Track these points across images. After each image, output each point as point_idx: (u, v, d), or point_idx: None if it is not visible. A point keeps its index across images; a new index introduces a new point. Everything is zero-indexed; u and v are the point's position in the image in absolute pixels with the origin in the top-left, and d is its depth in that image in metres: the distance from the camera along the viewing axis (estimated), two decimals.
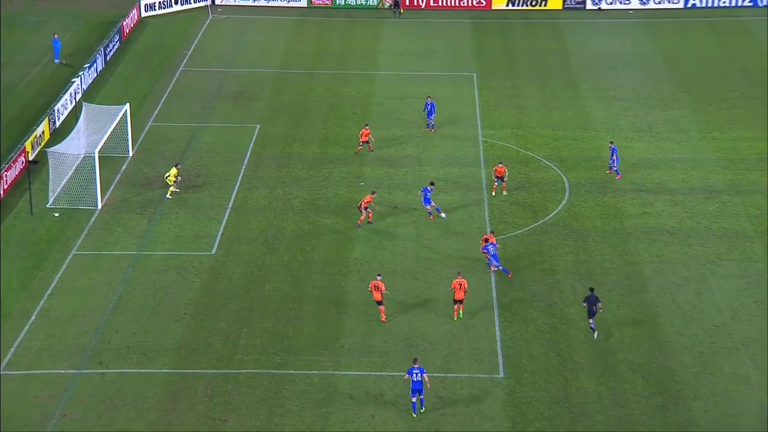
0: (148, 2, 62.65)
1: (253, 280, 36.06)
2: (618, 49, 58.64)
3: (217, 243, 38.22)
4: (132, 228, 39.00)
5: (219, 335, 32.96)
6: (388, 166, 44.72)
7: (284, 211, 40.76)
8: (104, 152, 43.12)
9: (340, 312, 34.34)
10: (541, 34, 61.56)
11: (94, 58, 53.12)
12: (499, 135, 48.05)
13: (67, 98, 48.45)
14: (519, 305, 35.00)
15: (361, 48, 58.78)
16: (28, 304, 34.03)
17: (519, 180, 43.77)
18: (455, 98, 52.34)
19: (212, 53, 57.33)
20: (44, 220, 39.23)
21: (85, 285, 35.33)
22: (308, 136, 47.56)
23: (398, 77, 54.77)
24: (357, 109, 50.62)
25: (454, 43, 59.96)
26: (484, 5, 65.38)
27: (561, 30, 62.11)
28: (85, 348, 32.01)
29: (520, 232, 39.53)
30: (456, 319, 33.94)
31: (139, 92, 51.61)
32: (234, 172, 43.77)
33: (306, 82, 53.86)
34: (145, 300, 34.63)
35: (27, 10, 62.53)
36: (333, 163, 44.83)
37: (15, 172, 41.87)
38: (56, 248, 37.37)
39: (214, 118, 49.26)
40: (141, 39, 58.97)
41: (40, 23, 60.20)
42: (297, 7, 64.84)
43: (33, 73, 53.50)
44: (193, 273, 36.27)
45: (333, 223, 39.86)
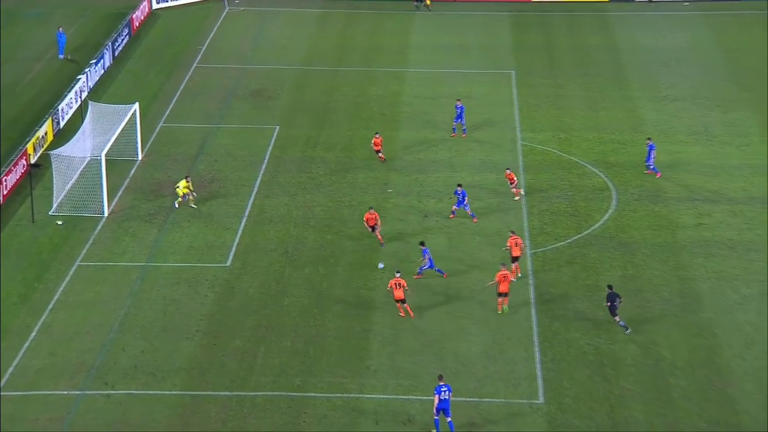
0: None
1: (271, 294, 36.22)
2: (671, 44, 58.37)
3: (232, 254, 38.44)
4: (141, 237, 39.33)
5: (234, 354, 33.12)
6: (418, 172, 44.79)
7: (305, 219, 40.93)
8: (111, 155, 43.52)
9: (365, 330, 34.41)
10: (586, 28, 61.41)
11: (102, 53, 53.69)
12: (539, 138, 47.98)
13: (72, 97, 48.99)
14: (560, 324, 34.88)
15: (390, 43, 58.97)
16: (29, 318, 34.39)
17: (561, 187, 43.65)
18: (492, 98, 52.33)
19: (228, 48, 57.75)
20: (47, 228, 39.66)
21: (90, 298, 35.66)
22: (332, 138, 47.74)
23: (430, 75, 54.87)
24: (385, 110, 50.77)
25: (491, 38, 59.97)
26: None
27: (608, 23, 61.93)
28: (89, 367, 32.29)
29: (562, 244, 39.42)
30: (501, 312, 34.40)
31: (149, 90, 52.07)
32: (251, 177, 44.01)
33: (330, 80, 54.09)
34: (155, 315, 34.89)
35: (30, 2, 63.34)
36: (358, 169, 44.97)
37: (16, 176, 42.38)
38: (59, 259, 37.76)
39: (230, 118, 49.59)
40: (152, 33, 59.53)
41: (44, 16, 60.94)
42: None
43: (36, 69, 54.16)
44: (206, 286, 36.51)
45: (358, 234, 39.97)
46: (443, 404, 29.55)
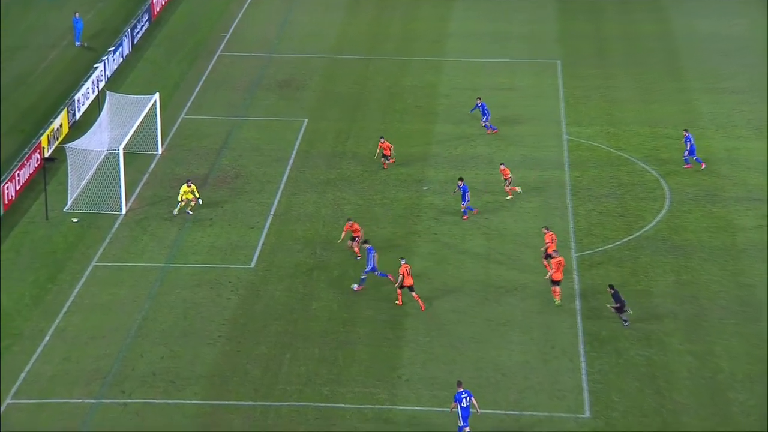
0: None
1: (297, 298, 36.32)
2: (732, 32, 57.81)
3: (257, 255, 38.57)
4: (160, 237, 39.58)
5: (258, 361, 33.24)
6: (455, 168, 44.72)
7: (335, 218, 40.99)
8: (130, 149, 43.83)
9: (398, 337, 34.40)
10: (639, 14, 61.00)
11: (120, 40, 54.08)
12: (586, 133, 47.74)
13: (89, 86, 49.39)
14: (608, 333, 34.66)
15: (427, 30, 58.91)
16: (42, 322, 34.71)
17: (609, 186, 43.41)
18: (535, 89, 52.14)
19: (254, 36, 57.97)
20: (61, 226, 40.01)
21: (106, 301, 35.94)
22: (364, 132, 47.79)
23: (469, 65, 54.78)
24: (420, 102, 50.73)
25: (536, 25, 59.75)
26: None
27: (662, 9, 61.46)
28: (105, 374, 32.53)
29: (611, 247, 39.17)
30: (559, 303, 34.92)
31: (170, 80, 52.39)
32: (277, 173, 44.15)
33: (362, 69, 54.14)
34: (175, 320, 35.09)
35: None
36: (391, 165, 44.96)
37: (29, 170, 42.80)
38: (74, 258, 38.08)
39: (256, 110, 49.77)
40: (173, 19, 59.89)
41: (60, 0, 61.49)
42: None
43: (51, 57, 54.66)
44: (229, 289, 36.66)
45: (391, 234, 39.98)
46: (466, 412, 29.49)
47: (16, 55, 54.56)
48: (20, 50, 55.13)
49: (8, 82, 51.59)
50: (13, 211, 40.81)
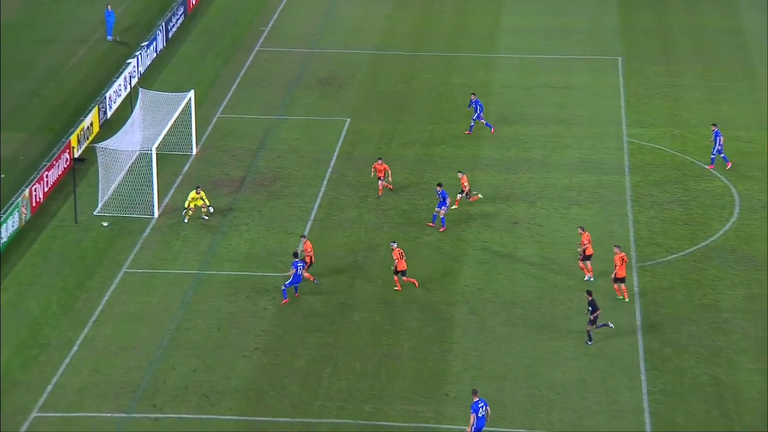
0: None
1: (338, 308, 36.43)
2: None
3: None
4: (194, 242, 39.90)
5: (296, 375, 33.39)
6: (507, 172, 44.62)
7: (378, 224, 41.09)
8: (163, 149, 44.24)
9: (444, 351, 34.39)
10: (707, 7, 60.51)
11: (154, 35, 54.62)
12: (649, 135, 47.43)
13: (121, 83, 49.93)
14: (672, 350, 34.39)
15: (479, 25, 58.89)
16: (70, 332, 35.11)
17: (674, 192, 43.09)
18: (594, 88, 51.91)
19: (294, 30, 58.28)
20: (91, 231, 40.47)
21: (137, 310, 36.29)
22: (409, 133, 47.86)
23: (523, 61, 54.67)
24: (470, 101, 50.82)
25: (595, 19, 59.50)
26: None
27: (732, 1, 60.87)
28: (135, 387, 32.85)
29: (675, 257, 38.87)
30: (626, 299, 35.59)
31: (205, 77, 52.83)
32: (318, 175, 44.34)
33: (408, 66, 54.23)
34: (209, 330, 35.35)
35: None
36: (439, 167, 44.99)
37: (58, 171, 43.37)
38: (104, 264, 38.50)
39: (295, 109, 50.02)
40: (209, 12, 60.39)
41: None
42: None
43: (81, 52, 55.33)
44: (266, 298, 36.88)
45: (437, 241, 39.98)
46: (482, 423, 29.43)
47: (45, 49, 55.29)
48: (50, 44, 55.86)
49: (37, 78, 52.33)
50: (41, 213, 41.37)
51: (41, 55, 54.65)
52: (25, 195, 40.50)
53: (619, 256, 36.21)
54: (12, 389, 32.55)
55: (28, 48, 55.39)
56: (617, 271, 36.11)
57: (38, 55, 54.61)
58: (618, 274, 36.13)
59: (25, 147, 46.21)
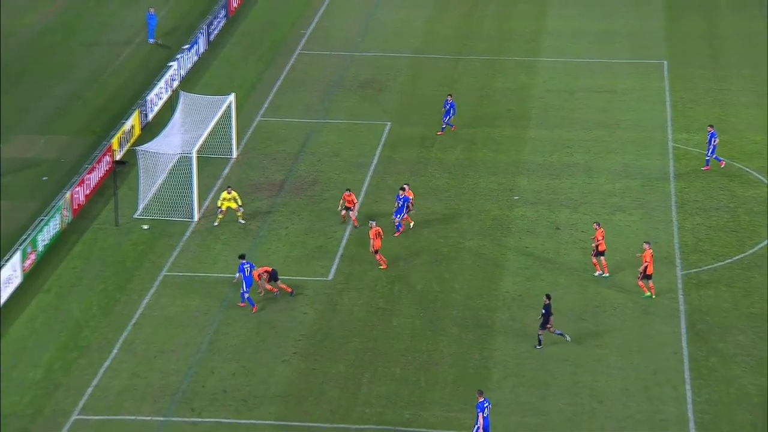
0: None
1: (378, 313, 36.40)
2: None
3: (335, 267, 38.78)
4: (234, 245, 40.04)
5: (335, 381, 33.39)
6: (550, 177, 44.39)
7: (418, 229, 41.01)
8: (203, 152, 44.45)
9: (485, 357, 34.25)
10: (756, 10, 59.86)
11: (196, 37, 54.92)
12: (695, 140, 47.00)
13: (162, 86, 50.23)
14: (718, 359, 34.02)
15: (522, 28, 58.68)
16: (110, 334, 35.36)
17: (720, 198, 42.65)
18: (639, 92, 51.54)
19: (336, 33, 58.38)
20: (131, 234, 40.74)
21: (177, 313, 36.47)
22: (450, 137, 47.74)
23: (567, 65, 54.40)
24: (512, 105, 50.52)
25: (641, 22, 59.09)
26: None
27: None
28: (174, 390, 33.00)
29: (721, 265, 38.45)
30: (650, 295, 35.30)
31: (246, 80, 53.04)
32: (358, 179, 44.34)
33: (450, 70, 54.14)
34: (247, 334, 35.44)
35: None
36: (480, 172, 44.85)
37: (99, 174, 43.69)
38: (144, 267, 38.74)
39: (336, 112, 50.08)
40: (251, 15, 60.64)
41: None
42: None
43: (124, 54, 55.74)
44: (305, 303, 36.93)
45: (478, 246, 39.84)
46: (487, 422, 29.40)
47: (88, 52, 55.78)
48: (93, 47, 56.33)
49: (80, 81, 52.80)
50: (82, 216, 41.69)
51: (84, 58, 55.13)
52: (66, 198, 40.84)
53: (648, 252, 36.00)
54: (53, 391, 32.82)
55: (71, 51, 55.92)
56: (647, 268, 35.96)
57: (81, 58, 55.10)
58: (648, 271, 35.97)
59: (66, 150, 46.62)
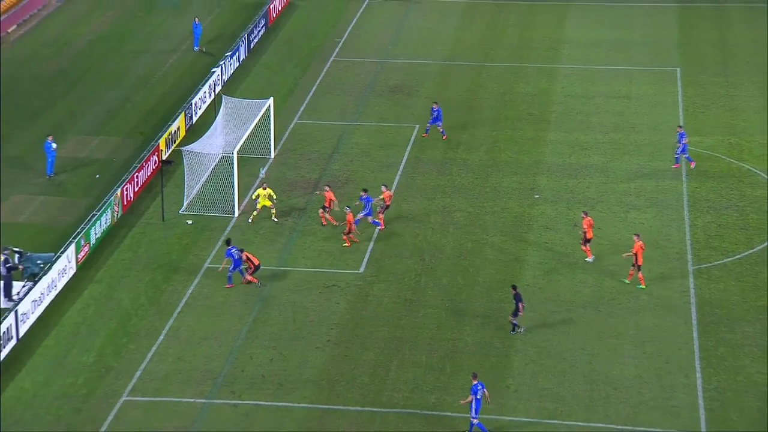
0: None
1: (405, 304, 36.44)
2: None
3: (366, 260, 38.83)
4: (271, 239, 40.18)
5: (366, 367, 33.46)
6: (568, 177, 44.24)
7: (444, 225, 41.00)
8: (243, 152, 44.61)
9: (506, 346, 34.21)
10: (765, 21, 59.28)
11: (237, 45, 55.12)
12: (706, 143, 46.67)
13: (206, 90, 50.41)
14: (727, 349, 33.81)
15: (542, 37, 58.47)
16: (157, 322, 35.56)
17: (730, 198, 42.34)
18: (654, 98, 51.24)
19: (368, 41, 58.39)
20: (176, 228, 40.95)
21: (219, 303, 36.65)
22: (475, 139, 47.69)
23: (585, 72, 54.16)
24: (533, 109, 50.36)
25: (655, 31, 58.72)
26: None
27: None
28: (216, 375, 33.16)
29: (731, 260, 38.19)
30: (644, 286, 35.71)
31: (284, 85, 53.16)
32: (388, 179, 44.35)
33: (475, 76, 54.04)
34: (284, 323, 35.58)
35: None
36: (503, 172, 44.76)
37: (147, 172, 43.95)
38: (188, 260, 38.94)
39: (368, 115, 50.12)
40: (289, 24, 60.77)
41: (182, 5, 62.99)
42: None
43: (170, 61, 56.02)
44: (338, 294, 37.00)
45: (501, 242, 39.78)
46: (478, 405, 29.53)
47: (138, 59, 56.12)
48: (142, 54, 56.66)
49: (130, 86, 53.16)
50: (131, 212, 41.97)
51: (134, 65, 55.48)
52: (117, 194, 41.15)
53: (638, 244, 36.01)
54: (104, 374, 33.11)
55: (122, 58, 56.30)
56: (637, 259, 35.96)
57: (131, 65, 55.45)
58: (638, 261, 36.00)
59: (117, 150, 46.95)
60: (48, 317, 35.60)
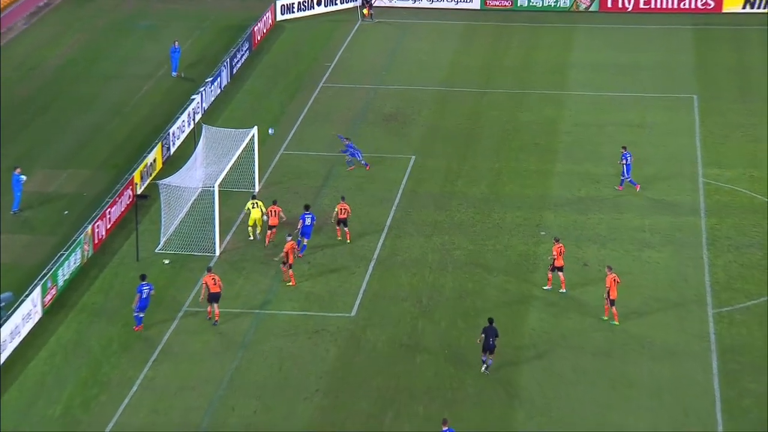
0: (286, 2, 64.82)
1: (401, 350, 36.41)
2: None
3: (358, 303, 38.85)
4: (255, 280, 40.17)
5: (358, 419, 33.38)
6: (577, 212, 44.39)
7: (443, 265, 41.07)
8: (225, 186, 44.69)
9: (511, 397, 34.18)
10: None
11: (219, 70, 55.39)
12: (726, 176, 46.88)
13: (185, 119, 50.59)
14: (752, 400, 33.80)
15: (547, 61, 58.86)
16: (130, 371, 35.43)
17: (752, 235, 42.49)
18: (668, 126, 51.52)
19: (360, 66, 58.72)
20: (152, 268, 40.92)
21: (197, 350, 36.57)
22: (476, 171, 47.86)
23: (594, 99, 54.47)
24: (539, 139, 50.59)
25: (670, 55, 59.17)
26: (712, 7, 64.26)
27: None
28: (195, 427, 33.03)
29: (754, 303, 38.27)
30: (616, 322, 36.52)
31: (270, 113, 53.38)
32: (382, 214, 44.47)
33: (475, 103, 54.32)
34: (269, 371, 35.50)
35: (142, 13, 65.98)
36: (506, 207, 44.91)
37: (120, 208, 43.98)
38: (165, 303, 38.87)
39: (360, 146, 50.18)
40: (275, 47, 61.10)
41: (157, 28, 63.36)
42: (468, 9, 65.63)
43: (146, 87, 56.24)
44: (327, 339, 36.98)
45: (504, 282, 39.83)
46: None
47: (111, 84, 56.32)
48: (115, 80, 56.87)
49: (102, 113, 53.32)
50: (103, 250, 41.97)
51: (106, 91, 55.67)
52: (87, 232, 41.18)
53: (610, 276, 36.49)
54: (74, 428, 32.96)
55: (94, 83, 56.51)
56: (609, 292, 36.47)
57: (103, 91, 55.65)
58: (611, 295, 36.41)
59: (88, 183, 47.01)
60: (11, 367, 35.50)
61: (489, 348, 34.53)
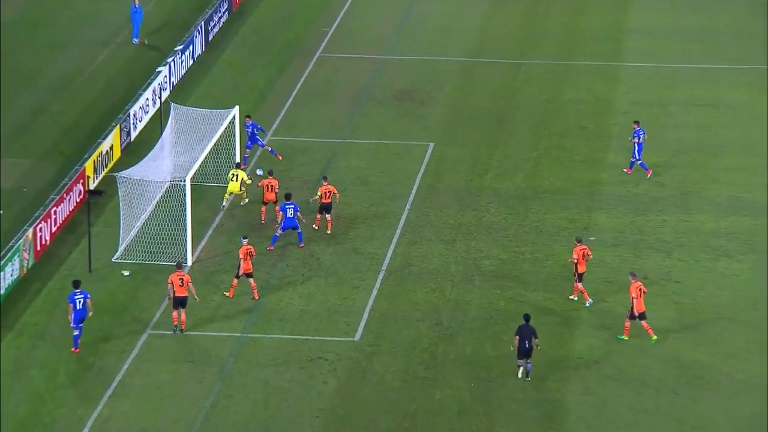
0: None
1: (417, 383, 36.36)
2: None
3: (363, 324, 38.83)
4: (236, 297, 40.17)
5: None
6: (635, 213, 44.38)
7: (468, 277, 41.01)
8: (199, 179, 44.67)
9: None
10: None
11: (191, 37, 55.48)
12: None
13: (149, 96, 50.68)
14: None
15: (598, 26, 59.05)
16: (80, 409, 35.34)
17: None
18: (748, 106, 51.62)
19: (365, 32, 58.86)
20: (108, 281, 40.91)
21: (165, 381, 36.54)
22: (509, 161, 47.85)
23: (656, 72, 54.64)
24: (588, 122, 50.69)
25: (748, 18, 59.16)
26: None
27: None
28: None
29: None
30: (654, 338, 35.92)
31: (254, 89, 53.48)
32: (393, 214, 44.44)
33: (509, 78, 54.39)
34: (252, 409, 35.45)
35: None
36: (546, 206, 44.91)
37: (68, 207, 44.00)
38: (124, 324, 38.86)
39: (365, 130, 50.32)
40: (260, 9, 61.29)
41: None
42: None
43: (100, 57, 56.40)
44: (326, 369, 36.95)
45: (544, 300, 39.79)
46: None
47: (56, 54, 56.45)
48: (62, 48, 57.00)
49: (46, 90, 53.35)
50: (47, 259, 41.96)
51: (51, 62, 55.77)
52: (27, 236, 41.17)
53: (635, 285, 36.59)
54: None
55: (35, 53, 56.57)
56: (636, 306, 36.59)
57: (47, 62, 55.72)
58: (637, 309, 36.54)
59: (28, 176, 47.06)
60: None
61: (525, 352, 34.69)
